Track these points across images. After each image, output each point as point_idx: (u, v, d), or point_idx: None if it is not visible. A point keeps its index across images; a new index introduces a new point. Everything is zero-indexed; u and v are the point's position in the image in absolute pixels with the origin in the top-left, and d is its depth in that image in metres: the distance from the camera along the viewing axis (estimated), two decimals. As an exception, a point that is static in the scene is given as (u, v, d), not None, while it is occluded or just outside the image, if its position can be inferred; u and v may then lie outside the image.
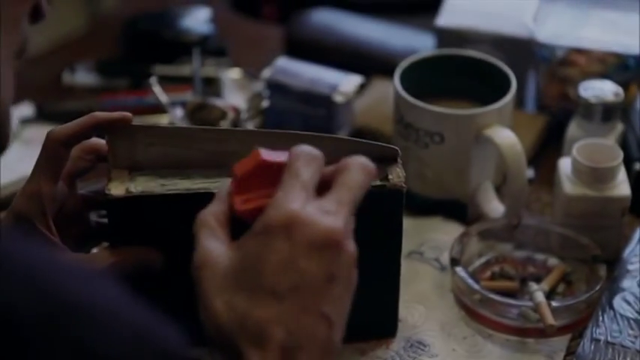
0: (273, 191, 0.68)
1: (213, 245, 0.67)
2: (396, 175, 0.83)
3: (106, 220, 0.82)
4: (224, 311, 0.64)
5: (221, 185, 0.73)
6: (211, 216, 0.69)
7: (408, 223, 1.00)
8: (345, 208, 0.67)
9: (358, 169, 0.69)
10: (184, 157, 0.81)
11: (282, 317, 0.64)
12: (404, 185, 0.83)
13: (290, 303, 0.64)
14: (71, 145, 0.80)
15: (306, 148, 0.69)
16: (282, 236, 0.65)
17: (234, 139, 0.81)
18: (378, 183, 0.82)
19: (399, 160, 0.83)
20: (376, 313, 0.90)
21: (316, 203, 0.67)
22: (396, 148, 0.84)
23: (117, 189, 0.79)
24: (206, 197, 0.72)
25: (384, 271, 0.87)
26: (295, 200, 0.66)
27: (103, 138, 0.82)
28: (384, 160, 0.82)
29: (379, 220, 0.84)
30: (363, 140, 0.83)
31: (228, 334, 0.64)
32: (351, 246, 0.67)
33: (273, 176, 0.69)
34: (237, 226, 0.70)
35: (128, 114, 0.79)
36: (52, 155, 0.79)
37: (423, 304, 0.95)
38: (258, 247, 0.65)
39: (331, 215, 0.66)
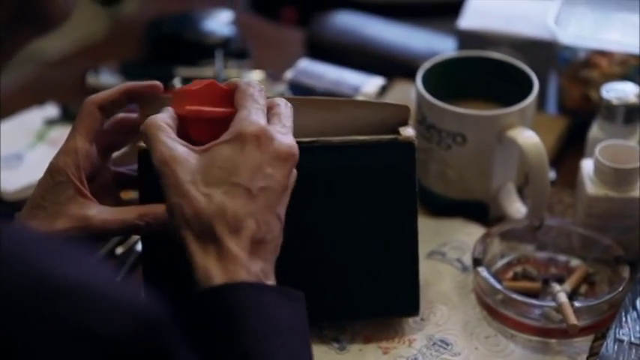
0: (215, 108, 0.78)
1: (177, 145, 0.75)
2: (406, 131, 0.88)
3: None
4: (203, 200, 0.73)
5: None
6: (162, 121, 0.76)
7: (430, 224, 1.01)
8: (290, 131, 0.77)
9: (285, 103, 0.79)
10: None
11: (255, 212, 0.73)
12: (414, 139, 0.87)
13: (260, 201, 0.74)
14: (106, 110, 0.84)
15: (254, 82, 0.79)
16: (253, 145, 0.74)
17: None
18: (390, 137, 0.87)
19: (409, 122, 0.88)
20: (396, 283, 0.91)
21: (272, 125, 0.76)
22: (407, 106, 0.88)
23: None
24: None
25: (400, 237, 0.89)
26: (260, 118, 0.76)
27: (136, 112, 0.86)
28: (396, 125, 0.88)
29: (392, 177, 0.87)
30: (376, 101, 0.88)
31: (208, 219, 0.72)
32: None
33: (215, 101, 0.79)
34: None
35: (158, 83, 0.84)
36: (88, 115, 0.83)
37: (446, 304, 0.96)
38: (233, 151, 0.74)
39: (286, 135, 0.76)
